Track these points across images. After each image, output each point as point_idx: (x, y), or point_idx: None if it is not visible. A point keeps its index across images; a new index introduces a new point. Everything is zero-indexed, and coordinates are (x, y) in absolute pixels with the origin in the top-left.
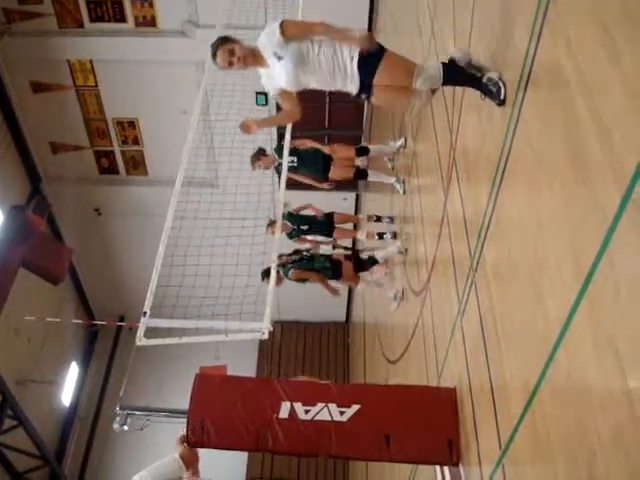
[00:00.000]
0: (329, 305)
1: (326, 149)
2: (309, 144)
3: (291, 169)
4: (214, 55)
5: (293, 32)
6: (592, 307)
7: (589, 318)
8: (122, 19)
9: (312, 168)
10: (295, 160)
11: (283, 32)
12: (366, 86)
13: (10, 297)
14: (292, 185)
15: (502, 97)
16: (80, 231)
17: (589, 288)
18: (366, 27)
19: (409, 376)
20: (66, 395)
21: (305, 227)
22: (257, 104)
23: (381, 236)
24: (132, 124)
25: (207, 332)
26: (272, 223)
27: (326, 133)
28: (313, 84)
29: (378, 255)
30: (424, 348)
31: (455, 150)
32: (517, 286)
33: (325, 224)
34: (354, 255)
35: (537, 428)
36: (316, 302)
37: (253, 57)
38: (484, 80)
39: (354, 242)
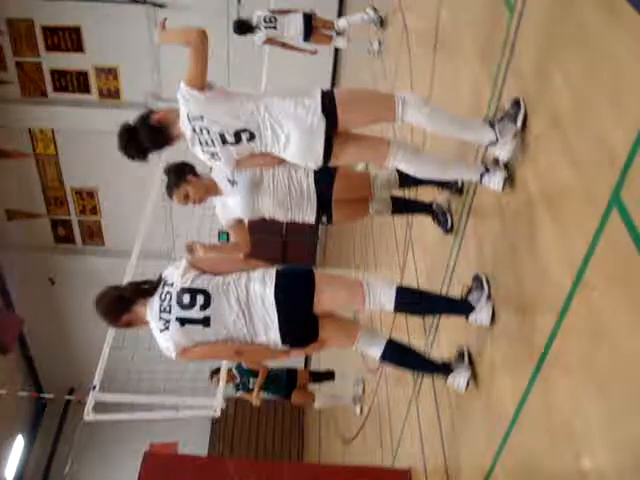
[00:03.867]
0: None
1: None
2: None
3: (251, 389)
4: (169, 193)
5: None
6: (546, 387)
7: (543, 398)
8: (86, 90)
9: (275, 390)
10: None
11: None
12: (325, 205)
13: None
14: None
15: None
16: (32, 300)
17: (542, 367)
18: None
19: (365, 454)
20: (9, 470)
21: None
22: (219, 239)
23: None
24: (91, 194)
25: (158, 407)
26: (216, 372)
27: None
28: (269, 210)
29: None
30: (379, 427)
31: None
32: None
33: (281, 379)
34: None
35: None
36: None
37: (207, 191)
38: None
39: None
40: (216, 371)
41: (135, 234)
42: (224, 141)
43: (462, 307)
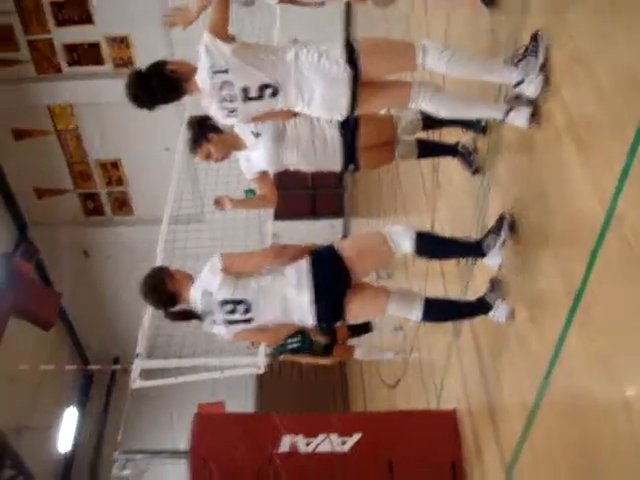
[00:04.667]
0: None
1: None
2: None
3: (294, 350)
4: (192, 150)
5: None
6: (584, 320)
7: (582, 333)
8: (100, 62)
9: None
10: (298, 340)
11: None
12: (351, 152)
13: (2, 345)
14: (280, 215)
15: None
16: (69, 274)
17: (580, 302)
18: None
19: (410, 398)
20: (64, 441)
21: (293, 342)
22: (246, 197)
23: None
24: (115, 165)
25: (202, 369)
26: None
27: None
28: (293, 162)
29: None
30: (421, 370)
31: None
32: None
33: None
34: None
35: (539, 445)
36: None
37: (229, 147)
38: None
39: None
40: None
41: (163, 200)
42: (246, 96)
43: (477, 250)
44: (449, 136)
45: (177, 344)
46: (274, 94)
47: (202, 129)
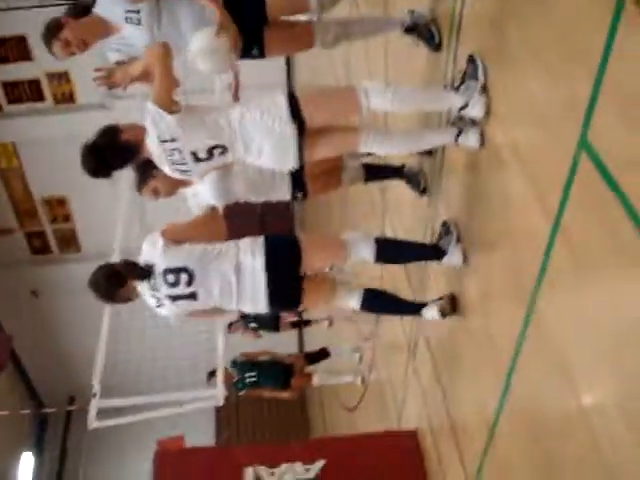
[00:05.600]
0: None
1: (287, 359)
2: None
3: (251, 385)
4: (138, 189)
5: None
6: (538, 329)
7: (537, 341)
8: (40, 98)
9: (272, 381)
10: (255, 375)
11: None
12: (298, 181)
13: None
14: None
15: None
16: (18, 315)
17: (533, 310)
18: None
19: (371, 420)
20: None
21: (252, 376)
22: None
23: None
24: (61, 202)
25: (161, 405)
26: (212, 373)
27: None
28: (242, 193)
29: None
30: (380, 391)
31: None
32: (466, 319)
33: (278, 369)
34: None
35: (502, 460)
36: (265, 344)
37: (176, 183)
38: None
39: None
40: (212, 373)
41: (111, 235)
42: (196, 159)
43: (435, 252)
44: (395, 158)
45: (132, 381)
46: (223, 152)
47: (148, 167)
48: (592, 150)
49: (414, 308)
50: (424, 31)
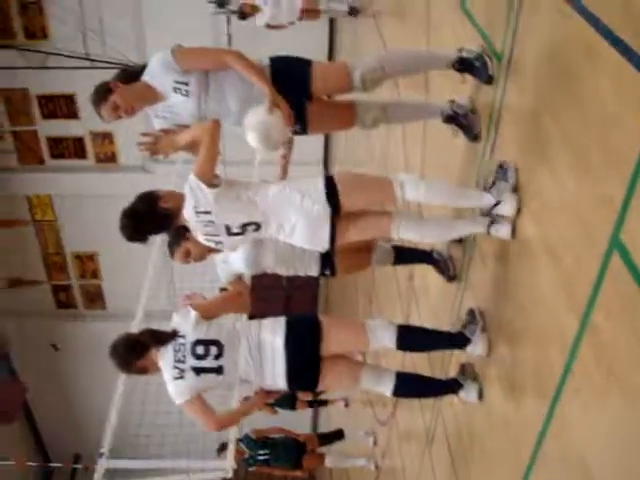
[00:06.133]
0: (293, 423)
1: (300, 437)
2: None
3: (263, 462)
4: (170, 252)
5: None
6: (560, 430)
7: (558, 442)
8: (83, 156)
9: (284, 460)
10: (267, 453)
11: None
12: (328, 258)
13: None
14: (253, 316)
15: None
16: (36, 367)
17: (555, 410)
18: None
19: None
20: None
21: (264, 454)
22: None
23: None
24: (91, 258)
25: (168, 472)
26: (223, 447)
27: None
28: (271, 265)
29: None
30: (393, 478)
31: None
32: (483, 412)
33: (290, 448)
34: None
35: None
36: (279, 421)
37: (208, 248)
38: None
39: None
40: (223, 446)
41: (137, 296)
42: (229, 232)
43: (459, 339)
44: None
45: (142, 445)
46: (256, 229)
47: (182, 230)
48: (625, 250)
49: (451, 387)
50: (463, 121)
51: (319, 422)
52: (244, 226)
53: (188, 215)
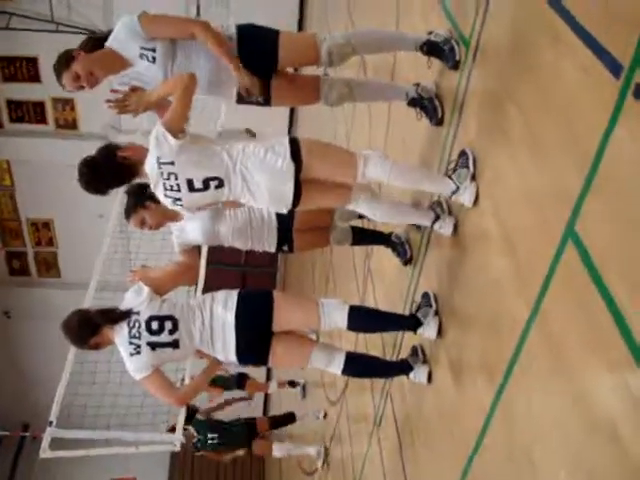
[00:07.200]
0: (244, 411)
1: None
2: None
3: (212, 447)
4: (126, 216)
5: None
6: (506, 415)
7: (504, 426)
8: (43, 121)
9: (234, 444)
10: (216, 437)
11: None
12: (286, 234)
13: None
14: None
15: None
16: None
17: (502, 394)
18: None
19: None
20: None
21: (214, 438)
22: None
23: (293, 384)
24: (47, 225)
25: (117, 443)
26: (172, 430)
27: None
28: (228, 238)
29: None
30: (342, 462)
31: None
32: (432, 395)
33: (240, 433)
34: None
35: None
36: (232, 409)
37: (165, 217)
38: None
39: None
40: (172, 429)
41: (92, 266)
42: (191, 188)
43: (412, 322)
44: (384, 225)
45: (91, 415)
46: (219, 186)
47: (140, 196)
48: (579, 239)
49: (401, 368)
50: (428, 105)
51: (270, 405)
52: (207, 181)
53: (150, 167)
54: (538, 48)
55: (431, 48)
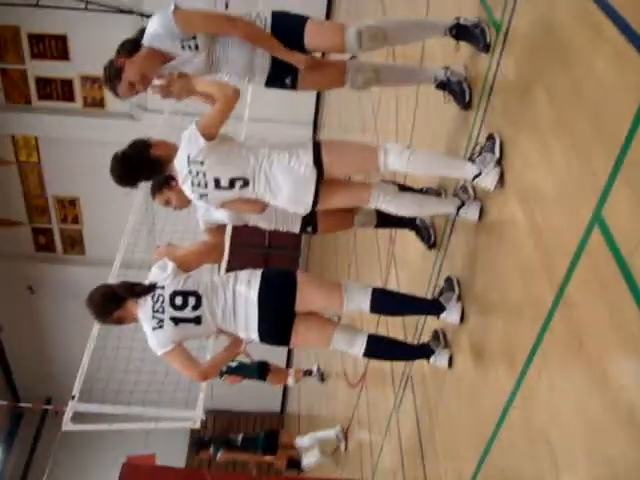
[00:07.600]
0: (264, 395)
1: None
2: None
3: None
4: (152, 195)
5: None
6: (526, 401)
7: (523, 413)
8: (71, 98)
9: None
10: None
11: None
12: (310, 215)
13: None
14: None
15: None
16: (11, 308)
17: (523, 381)
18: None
19: (346, 467)
20: None
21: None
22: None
23: (310, 373)
24: (73, 203)
25: (137, 419)
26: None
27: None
28: (253, 217)
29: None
30: (360, 442)
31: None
32: (452, 379)
33: (261, 439)
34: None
35: None
36: (250, 392)
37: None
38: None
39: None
40: (203, 444)
41: (117, 244)
42: (217, 186)
43: (434, 306)
44: None
45: (113, 390)
46: (244, 186)
47: (167, 176)
48: (605, 225)
49: (422, 352)
50: (456, 88)
51: (288, 394)
52: (233, 181)
53: (180, 164)
54: (569, 32)
55: (461, 31)
